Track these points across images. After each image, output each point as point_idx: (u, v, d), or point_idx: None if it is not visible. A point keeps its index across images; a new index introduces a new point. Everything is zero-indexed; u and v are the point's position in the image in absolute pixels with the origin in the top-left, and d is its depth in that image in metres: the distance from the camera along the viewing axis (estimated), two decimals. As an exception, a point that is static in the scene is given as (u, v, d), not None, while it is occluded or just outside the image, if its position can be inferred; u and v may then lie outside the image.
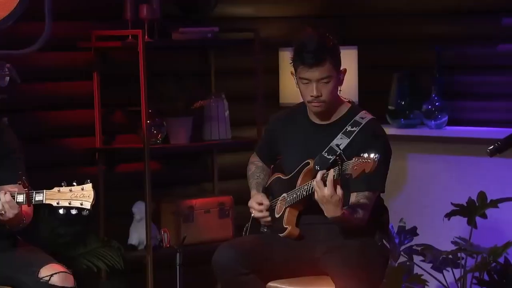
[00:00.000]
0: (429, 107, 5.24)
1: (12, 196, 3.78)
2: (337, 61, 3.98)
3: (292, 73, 4.03)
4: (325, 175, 3.81)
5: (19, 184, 3.80)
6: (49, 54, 4.78)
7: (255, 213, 4.13)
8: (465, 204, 4.80)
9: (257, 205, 4.12)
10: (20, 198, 3.79)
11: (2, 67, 4.39)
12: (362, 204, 3.93)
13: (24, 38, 4.45)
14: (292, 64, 4.00)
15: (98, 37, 4.96)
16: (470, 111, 5.28)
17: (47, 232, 4.61)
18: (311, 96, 3.98)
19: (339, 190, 3.80)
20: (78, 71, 5.00)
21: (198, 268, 4.94)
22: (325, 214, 3.86)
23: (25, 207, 3.85)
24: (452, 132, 5.22)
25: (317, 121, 4.08)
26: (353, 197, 3.94)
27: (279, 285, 4.04)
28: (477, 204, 4.79)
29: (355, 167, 3.73)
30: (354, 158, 3.74)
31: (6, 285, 3.90)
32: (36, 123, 4.91)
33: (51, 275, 3.83)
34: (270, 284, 4.03)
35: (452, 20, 5.34)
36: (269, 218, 4.10)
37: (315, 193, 3.83)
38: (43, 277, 3.83)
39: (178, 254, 4.50)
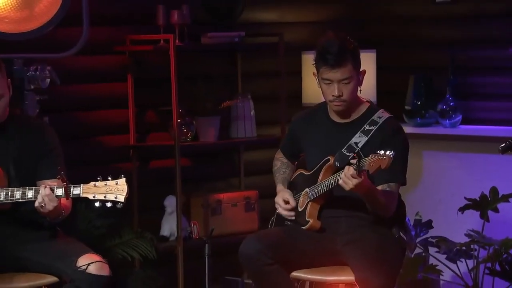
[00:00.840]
0: (444, 107, 5.24)
1: (51, 190, 3.80)
2: (357, 63, 3.98)
3: (314, 74, 4.03)
4: (348, 172, 3.79)
5: (58, 179, 3.82)
6: (87, 57, 4.80)
7: (281, 211, 4.13)
8: (478, 199, 4.79)
9: (284, 203, 4.11)
10: (59, 191, 3.80)
11: (43, 69, 4.41)
12: (388, 191, 3.92)
13: (63, 43, 4.45)
14: (314, 65, 4.00)
15: (132, 41, 4.98)
16: (482, 111, 5.27)
17: (84, 224, 4.62)
18: (333, 95, 3.98)
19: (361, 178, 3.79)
20: (113, 73, 5.02)
21: (225, 259, 4.94)
22: (362, 197, 3.85)
23: (63, 201, 3.86)
24: (465, 130, 5.21)
25: (337, 120, 4.08)
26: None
27: (302, 275, 4.03)
28: (489, 198, 4.78)
29: (372, 164, 3.72)
30: (370, 155, 3.74)
31: (47, 273, 3.93)
32: (75, 122, 4.93)
33: (88, 264, 3.84)
34: (294, 273, 4.03)
35: (465, 24, 5.33)
36: (293, 217, 4.10)
37: (344, 187, 3.81)
38: (81, 266, 3.84)
39: (206, 245, 4.51)
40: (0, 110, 3.92)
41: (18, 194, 3.85)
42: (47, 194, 3.79)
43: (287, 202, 4.10)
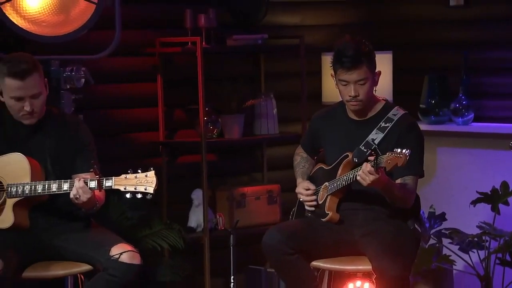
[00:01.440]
0: (457, 105, 5.23)
1: (85, 182, 3.82)
2: (372, 65, 3.98)
3: (332, 75, 4.04)
4: (366, 168, 3.80)
5: (92, 172, 3.84)
6: (119, 59, 4.82)
7: (303, 198, 4.13)
8: (489, 193, 4.78)
9: (305, 190, 4.13)
10: (92, 184, 3.83)
11: (78, 70, 4.42)
12: (406, 184, 3.92)
13: (97, 45, 4.49)
14: (332, 67, 4.01)
15: (162, 43, 4.99)
16: (494, 109, 5.25)
17: (117, 216, 4.62)
18: (350, 96, 3.99)
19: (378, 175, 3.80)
20: (144, 74, 5.03)
21: (249, 248, 4.97)
22: (381, 192, 3.86)
23: (97, 193, 3.88)
24: (477, 128, 5.20)
25: (354, 117, 4.08)
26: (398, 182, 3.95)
27: (322, 264, 4.04)
28: (500, 192, 4.77)
29: (389, 161, 3.73)
30: (388, 153, 3.75)
31: (81, 262, 3.95)
32: (107, 119, 4.95)
33: (121, 253, 3.86)
34: (314, 263, 4.04)
35: (477, 27, 5.31)
36: (314, 202, 4.11)
37: (362, 183, 3.82)
38: (114, 255, 3.85)
39: (231, 236, 4.52)
40: (38, 107, 3.94)
41: (54, 187, 3.88)
42: (81, 186, 3.81)
43: (307, 189, 4.12)
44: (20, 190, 3.90)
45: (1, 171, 3.93)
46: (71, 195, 3.83)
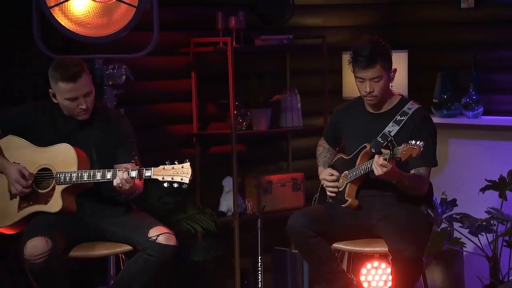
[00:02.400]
0: (467, 100, 5.21)
1: (127, 172, 3.84)
2: (386, 63, 3.97)
3: (352, 71, 4.03)
4: (379, 161, 3.81)
5: (132, 162, 3.86)
6: (156, 57, 4.82)
7: (327, 183, 4.12)
8: (497, 180, 4.76)
9: (329, 176, 4.13)
10: (133, 173, 3.84)
11: (120, 68, 4.42)
12: (420, 174, 3.92)
13: (136, 45, 4.49)
14: (349, 65, 4.01)
15: (195, 43, 4.99)
16: (502, 104, 5.23)
17: (155, 201, 4.63)
18: (365, 91, 3.99)
19: (390, 165, 3.81)
20: (179, 71, 5.03)
21: (275, 231, 4.96)
22: (392, 182, 3.85)
23: (137, 181, 3.90)
24: (486, 121, 5.17)
25: (372, 111, 4.08)
26: (412, 173, 3.95)
27: (342, 246, 4.05)
28: (507, 180, 4.76)
29: (404, 152, 3.73)
30: (403, 145, 3.74)
31: (123, 243, 3.98)
32: (146, 113, 4.95)
33: (158, 235, 3.88)
34: (335, 245, 4.04)
35: (487, 28, 5.28)
36: (336, 188, 4.12)
37: (375, 172, 3.83)
38: (152, 236, 3.87)
39: (259, 220, 4.56)
40: (90, 104, 3.96)
41: (98, 175, 3.90)
42: (125, 178, 3.83)
43: (331, 175, 4.13)
44: (68, 178, 3.93)
45: (51, 160, 3.96)
46: (115, 184, 3.84)
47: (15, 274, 4.21)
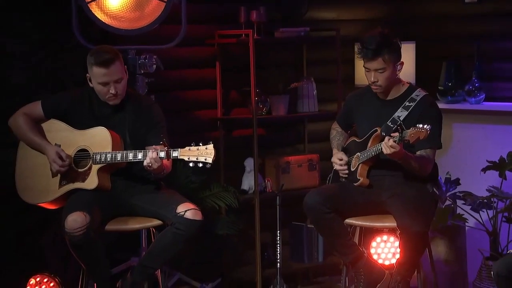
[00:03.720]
0: (470, 87, 5.18)
1: (156, 153, 3.84)
2: (392, 56, 3.93)
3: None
4: (388, 142, 3.80)
5: (161, 144, 3.86)
6: (184, 48, 4.82)
7: (336, 167, 4.14)
8: (498, 161, 4.74)
9: (338, 160, 4.13)
10: (162, 154, 3.85)
11: (151, 58, 4.43)
12: (426, 156, 3.91)
13: (166, 37, 4.50)
14: (357, 55, 4.00)
15: (220, 35, 4.97)
16: (502, 90, 5.19)
17: (182, 180, 4.64)
18: (370, 81, 3.98)
19: (399, 147, 3.79)
20: (205, 61, 5.02)
21: (292, 208, 4.96)
22: (399, 163, 3.83)
23: (165, 162, 3.91)
24: (487, 106, 5.14)
25: (382, 97, 4.07)
26: (418, 154, 3.94)
27: (354, 221, 4.04)
28: (507, 161, 4.73)
29: (412, 135, 3.72)
30: (411, 128, 3.73)
31: (153, 218, 3.99)
32: (174, 99, 4.95)
33: (186, 211, 3.89)
34: (347, 220, 4.04)
35: (489, 20, 5.24)
36: (346, 171, 4.12)
37: (384, 151, 3.82)
38: (180, 212, 3.89)
39: (277, 197, 4.56)
40: (121, 90, 3.97)
41: (130, 156, 3.91)
42: (154, 157, 3.84)
43: (341, 159, 4.12)
44: (103, 158, 3.95)
45: (88, 142, 3.98)
46: (145, 163, 3.85)
47: (58, 245, 4.24)
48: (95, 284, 3.98)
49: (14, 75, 4.46)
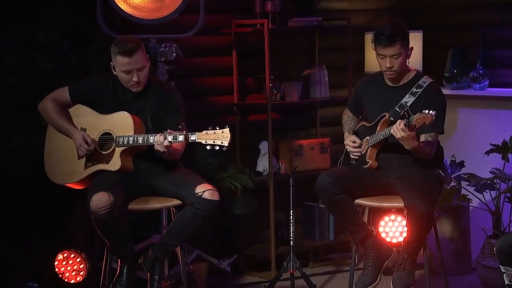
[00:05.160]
0: (475, 74, 5.16)
1: (174, 136, 3.82)
2: (405, 42, 3.94)
3: (373, 49, 4.03)
4: (400, 125, 3.81)
5: (180, 128, 3.87)
6: (202, 37, 4.80)
7: (349, 148, 4.13)
8: (501, 145, 4.72)
9: (351, 142, 4.13)
10: (181, 137, 3.84)
11: (171, 46, 4.42)
12: (430, 141, 3.91)
13: (185, 26, 4.49)
14: (372, 43, 4.00)
15: (236, 25, 4.96)
16: (505, 77, 5.17)
17: (201, 162, 4.65)
18: (386, 67, 3.97)
19: (412, 131, 3.80)
20: (222, 49, 5.01)
21: (305, 189, 4.95)
22: (406, 147, 3.84)
23: (175, 145, 3.87)
24: (491, 92, 5.11)
25: (391, 84, 4.07)
26: (422, 138, 3.93)
27: (363, 202, 4.05)
28: (509, 144, 4.71)
29: (418, 120, 3.72)
30: (418, 113, 3.73)
31: (173, 198, 4.00)
32: (193, 86, 4.95)
33: (204, 191, 3.90)
34: (357, 201, 4.05)
35: (493, 10, 5.22)
36: (359, 152, 4.12)
37: (395, 135, 3.82)
38: (198, 192, 3.90)
39: (291, 178, 4.56)
40: (143, 78, 3.98)
41: (151, 139, 3.91)
42: (159, 140, 3.81)
43: (354, 142, 4.13)
44: (125, 141, 3.96)
45: (112, 126, 4.00)
46: (155, 147, 3.82)
47: (84, 223, 4.28)
48: (119, 259, 4.01)
49: (42, 64, 4.49)
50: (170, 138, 3.80)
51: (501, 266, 3.57)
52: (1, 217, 4.37)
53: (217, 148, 3.81)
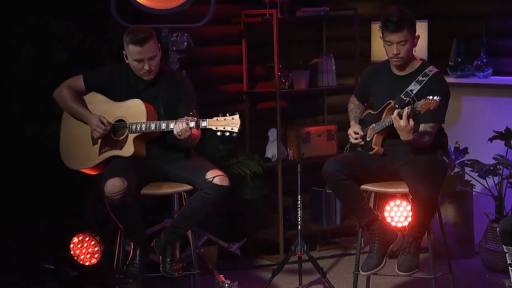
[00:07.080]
0: (478, 62, 5.13)
1: (186, 123, 3.85)
2: (412, 29, 3.92)
3: (380, 37, 4.00)
4: (401, 112, 3.80)
5: (191, 115, 3.87)
6: (213, 27, 4.80)
7: (352, 140, 4.12)
8: (503, 132, 4.71)
9: (354, 134, 4.11)
10: (192, 124, 3.84)
11: (182, 35, 4.42)
12: (428, 131, 3.90)
13: (196, 16, 4.49)
14: (380, 30, 3.97)
15: (246, 15, 4.96)
16: (508, 66, 5.15)
17: (211, 148, 4.65)
18: (393, 54, 3.95)
19: (411, 122, 3.79)
20: (232, 38, 5.01)
21: (312, 175, 4.92)
22: (401, 138, 3.86)
23: (194, 131, 3.91)
24: (494, 80, 5.10)
25: (397, 72, 4.05)
26: (422, 127, 3.91)
27: (369, 187, 4.04)
28: (512, 131, 4.73)
29: (423, 106, 3.71)
30: (422, 100, 3.72)
31: (184, 183, 4.00)
32: (204, 74, 4.95)
33: (214, 177, 3.89)
34: (363, 186, 4.03)
35: (496, 0, 5.18)
36: (362, 143, 4.10)
37: (394, 124, 3.82)
38: (209, 178, 3.89)
39: (298, 165, 4.55)
40: (154, 66, 3.97)
41: (163, 125, 3.91)
42: (183, 127, 3.84)
43: (356, 133, 4.12)
44: (138, 127, 3.96)
45: (125, 113, 4.00)
46: (175, 132, 3.85)
47: (98, 207, 4.29)
48: (131, 243, 4.02)
49: (57, 53, 4.48)
50: (192, 124, 3.80)
51: (503, 246, 3.57)
52: (19, 202, 4.39)
53: (227, 134, 3.80)
